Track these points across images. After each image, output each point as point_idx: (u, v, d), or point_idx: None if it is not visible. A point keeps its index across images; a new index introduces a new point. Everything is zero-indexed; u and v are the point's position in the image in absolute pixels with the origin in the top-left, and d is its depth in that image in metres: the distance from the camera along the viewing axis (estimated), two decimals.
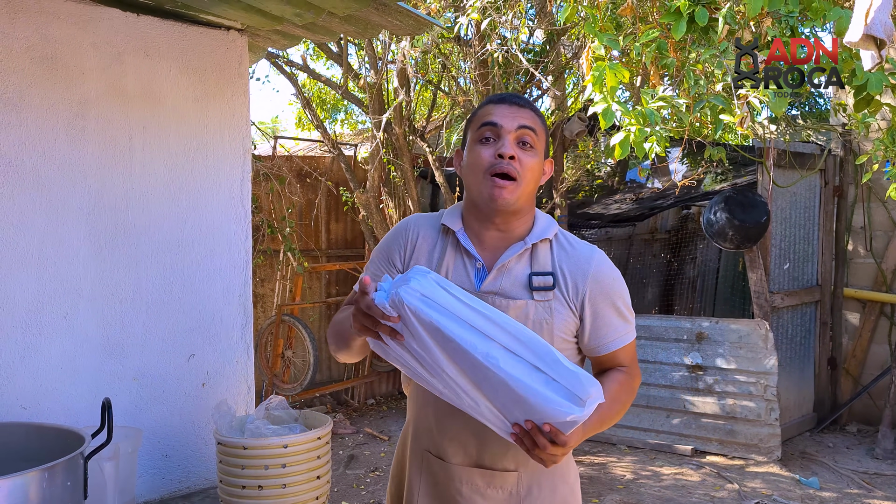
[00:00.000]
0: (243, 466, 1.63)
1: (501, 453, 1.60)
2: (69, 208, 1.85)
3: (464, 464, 1.62)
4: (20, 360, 1.78)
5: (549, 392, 1.31)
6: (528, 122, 1.60)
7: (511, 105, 1.62)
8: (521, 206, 1.61)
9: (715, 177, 6.84)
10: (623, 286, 1.66)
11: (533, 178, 1.61)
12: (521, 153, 1.58)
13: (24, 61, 1.79)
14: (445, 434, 1.63)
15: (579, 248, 1.66)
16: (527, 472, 1.61)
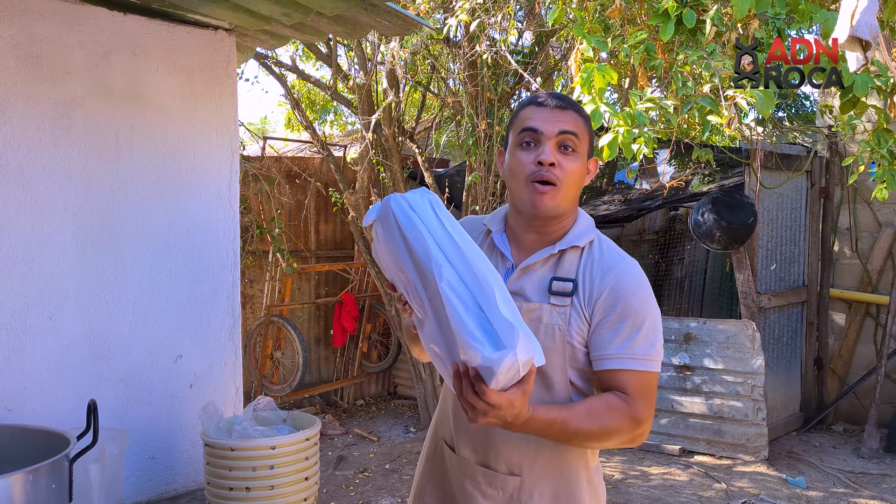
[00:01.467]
0: (231, 468, 1.62)
1: (507, 456, 1.59)
2: (55, 208, 1.84)
3: (470, 459, 1.62)
4: (5, 362, 1.77)
5: (476, 331, 1.26)
6: (569, 126, 1.57)
7: (553, 108, 1.59)
8: (563, 210, 1.60)
9: (703, 178, 6.88)
10: (647, 305, 1.55)
11: (575, 182, 1.59)
12: (561, 158, 1.56)
13: (9, 60, 1.77)
14: (459, 426, 1.64)
15: (609, 256, 1.61)
16: (531, 477, 1.59)
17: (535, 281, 1.60)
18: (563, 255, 1.61)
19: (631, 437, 1.53)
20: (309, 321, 6.89)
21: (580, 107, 1.63)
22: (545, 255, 1.60)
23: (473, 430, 1.61)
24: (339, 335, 6.72)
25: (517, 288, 1.59)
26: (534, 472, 1.59)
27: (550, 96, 1.61)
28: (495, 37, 5.31)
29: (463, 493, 1.62)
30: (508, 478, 1.59)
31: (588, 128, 1.62)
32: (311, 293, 7.07)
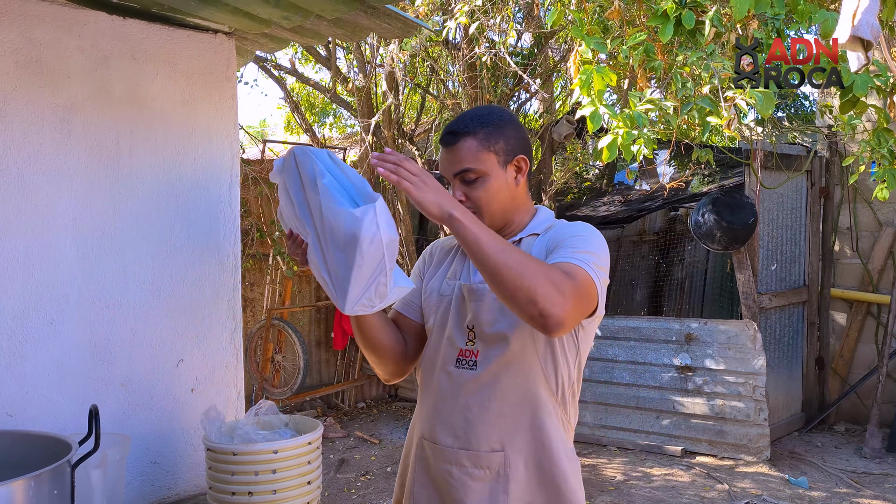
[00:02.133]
0: (233, 473, 1.62)
1: (487, 435, 1.67)
2: (55, 213, 1.83)
3: (454, 446, 1.70)
4: (6, 368, 1.76)
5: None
6: (460, 164, 1.65)
7: (446, 147, 1.68)
8: (496, 224, 1.69)
9: (702, 178, 6.88)
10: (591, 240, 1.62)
11: (493, 200, 1.67)
12: (468, 190, 1.66)
13: (9, 65, 1.77)
14: (438, 417, 1.73)
15: (560, 222, 1.72)
16: (513, 451, 1.66)
17: None
18: (522, 242, 1.70)
19: (552, 296, 1.47)
20: (309, 324, 6.88)
21: (475, 125, 1.67)
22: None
23: (453, 418, 1.70)
24: (339, 338, 6.71)
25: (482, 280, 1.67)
26: (515, 445, 1.66)
27: (445, 133, 1.68)
28: (494, 39, 5.32)
29: (451, 481, 1.70)
30: (492, 455, 1.66)
31: (491, 138, 1.67)
32: (311, 296, 7.06)
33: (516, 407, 1.67)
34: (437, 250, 1.92)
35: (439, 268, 1.85)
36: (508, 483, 1.66)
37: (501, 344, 1.68)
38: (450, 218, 1.49)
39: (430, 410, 1.77)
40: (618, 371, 5.83)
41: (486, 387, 1.68)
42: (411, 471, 1.81)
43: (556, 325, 1.49)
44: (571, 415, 1.76)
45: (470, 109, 1.77)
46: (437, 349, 1.77)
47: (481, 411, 1.68)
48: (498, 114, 1.72)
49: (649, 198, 7.23)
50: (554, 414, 1.70)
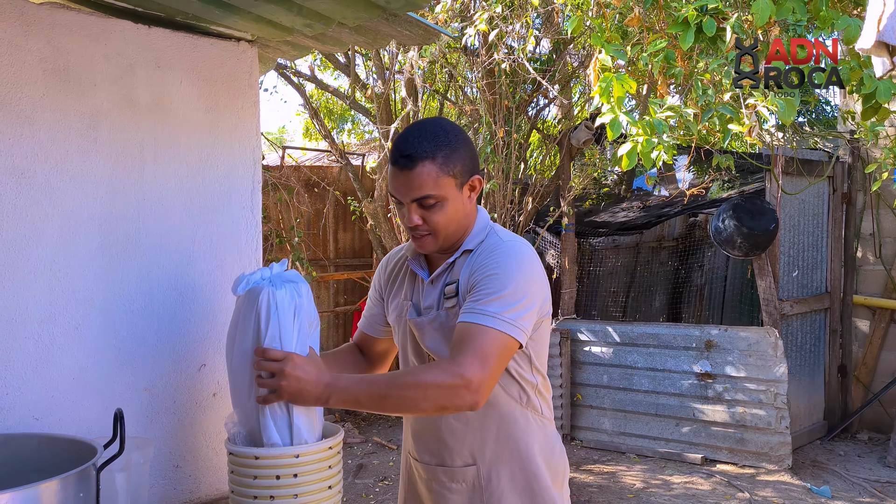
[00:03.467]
0: (255, 476, 1.63)
1: (457, 451, 1.73)
2: (81, 219, 1.86)
3: (431, 463, 1.77)
4: (32, 372, 1.79)
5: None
6: (420, 191, 1.63)
7: (402, 170, 1.64)
8: (450, 243, 1.73)
9: (722, 184, 6.84)
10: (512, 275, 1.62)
11: (450, 221, 1.69)
12: (426, 213, 1.66)
13: (37, 73, 1.80)
14: (416, 435, 1.81)
15: (489, 240, 1.73)
16: (484, 464, 1.72)
17: (437, 291, 1.74)
18: (455, 262, 1.73)
19: (449, 392, 1.53)
20: (328, 329, 6.91)
21: (433, 148, 1.63)
22: (444, 267, 1.74)
23: (427, 436, 1.77)
24: None
25: (429, 302, 1.75)
26: (486, 458, 1.71)
27: (399, 154, 1.64)
28: (513, 45, 5.32)
29: (432, 495, 1.78)
30: (466, 469, 1.73)
31: (449, 162, 1.64)
32: (329, 301, 7.09)
33: (481, 422, 1.72)
34: (389, 264, 1.93)
35: (395, 283, 1.88)
36: (483, 493, 1.72)
37: None
38: (328, 405, 1.60)
39: (409, 428, 1.85)
40: (637, 378, 5.80)
41: None
42: (402, 484, 1.92)
43: (474, 407, 1.57)
44: (544, 407, 1.79)
45: (420, 125, 1.70)
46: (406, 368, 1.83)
47: (449, 430, 1.73)
48: (453, 133, 1.67)
49: (668, 203, 7.19)
50: (521, 418, 1.74)
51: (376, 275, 1.97)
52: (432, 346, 1.73)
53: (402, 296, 1.83)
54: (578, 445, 6.00)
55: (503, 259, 1.65)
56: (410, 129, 1.69)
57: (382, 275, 1.94)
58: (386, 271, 1.93)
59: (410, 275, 1.83)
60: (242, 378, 1.73)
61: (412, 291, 1.82)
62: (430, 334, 1.72)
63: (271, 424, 1.66)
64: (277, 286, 1.70)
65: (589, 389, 6.00)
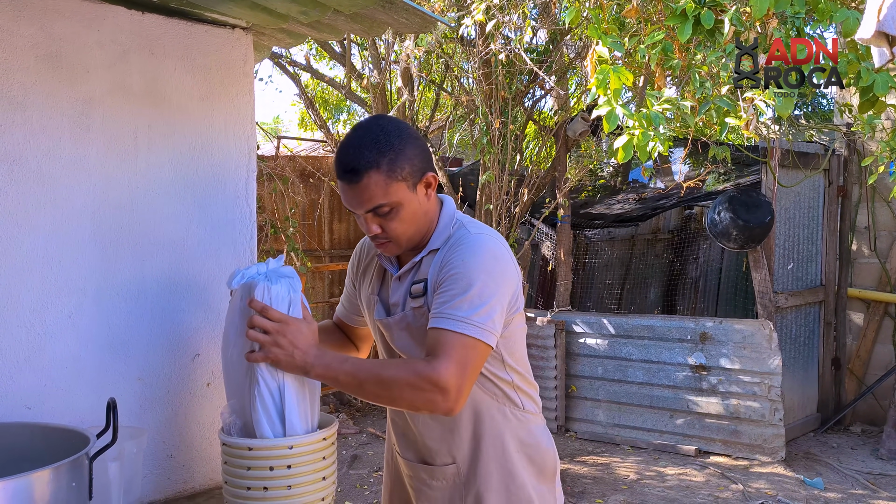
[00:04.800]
0: (248, 467, 1.62)
1: (437, 449, 1.73)
2: (74, 207, 1.84)
3: (413, 460, 1.78)
4: (25, 361, 1.77)
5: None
6: (371, 203, 1.59)
7: (350, 184, 1.60)
8: (414, 244, 1.70)
9: (718, 177, 6.84)
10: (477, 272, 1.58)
11: (409, 226, 1.65)
12: (382, 221, 1.63)
13: (29, 59, 1.78)
14: (398, 431, 1.82)
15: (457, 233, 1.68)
16: (464, 462, 1.71)
17: (404, 289, 1.71)
18: (423, 260, 1.70)
19: (424, 397, 1.52)
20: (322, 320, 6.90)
21: (376, 156, 1.58)
22: (410, 266, 1.71)
23: (410, 434, 1.77)
24: None
25: (396, 298, 1.73)
26: (464, 456, 1.71)
27: (344, 170, 1.60)
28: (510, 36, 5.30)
29: (414, 491, 1.79)
30: (446, 468, 1.73)
31: (395, 167, 1.59)
32: (324, 292, 7.08)
33: (456, 421, 1.70)
34: (361, 254, 1.91)
35: (366, 274, 1.86)
36: (463, 490, 1.72)
37: None
38: (307, 375, 1.60)
39: (392, 424, 1.86)
40: (631, 370, 5.81)
41: None
42: (387, 476, 1.94)
43: (450, 413, 1.56)
44: (525, 401, 1.76)
45: (357, 133, 1.64)
46: None
47: (426, 429, 1.73)
48: (395, 134, 1.61)
49: (664, 196, 7.19)
50: (498, 414, 1.72)
51: (351, 262, 1.94)
52: (401, 346, 1.72)
53: (370, 289, 1.82)
54: (573, 437, 6.01)
55: (469, 256, 1.60)
56: (350, 139, 1.62)
57: (355, 262, 1.92)
58: (358, 258, 1.91)
59: (379, 268, 1.81)
60: (238, 370, 1.73)
61: (380, 286, 1.80)
62: (398, 334, 1.71)
63: (263, 419, 1.65)
64: (273, 281, 1.70)
65: (583, 381, 6.01)
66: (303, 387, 1.69)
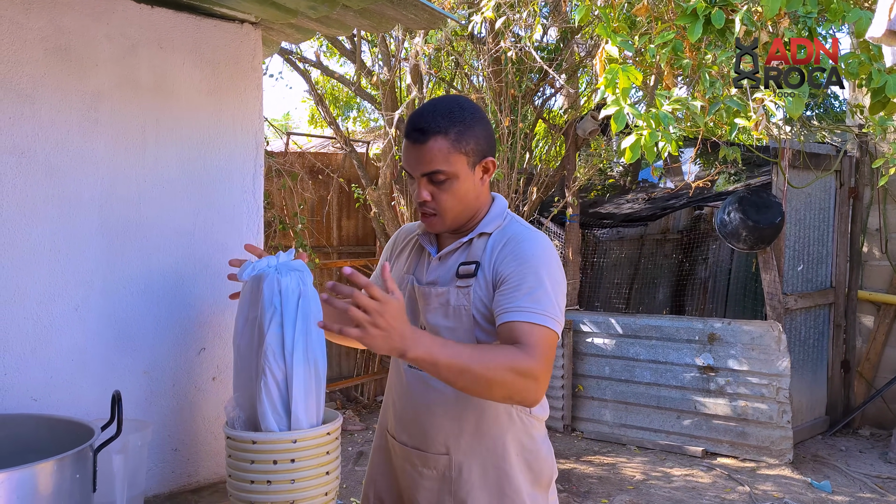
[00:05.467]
0: (252, 461, 1.62)
1: (433, 437, 1.72)
2: (81, 200, 1.85)
3: (407, 444, 1.77)
4: (31, 352, 1.78)
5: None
6: (431, 166, 1.62)
7: (414, 143, 1.64)
8: (458, 224, 1.72)
9: (728, 177, 6.81)
10: (547, 270, 1.61)
11: (458, 203, 1.67)
12: (435, 190, 1.65)
13: (38, 52, 1.78)
14: (396, 414, 1.81)
15: (508, 231, 1.71)
16: (458, 455, 1.71)
17: (448, 267, 1.73)
18: (473, 242, 1.72)
19: (522, 385, 1.52)
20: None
21: (446, 123, 1.62)
22: (456, 245, 1.73)
23: (407, 417, 1.76)
24: None
25: (433, 278, 1.74)
26: (460, 449, 1.70)
27: (413, 128, 1.64)
28: (520, 33, 5.28)
29: (405, 476, 1.78)
30: (439, 457, 1.72)
31: (462, 139, 1.63)
32: None
33: (461, 412, 1.70)
34: (400, 238, 1.95)
35: (401, 255, 1.89)
36: (452, 484, 1.71)
37: None
38: (403, 357, 1.49)
39: (391, 406, 1.85)
40: (639, 370, 5.79)
41: (434, 391, 1.71)
42: (377, 460, 1.91)
43: (535, 403, 1.59)
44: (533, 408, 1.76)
45: (436, 101, 1.70)
46: None
47: (429, 414, 1.72)
48: (469, 110, 1.66)
49: (674, 196, 7.16)
50: (505, 415, 1.71)
51: (388, 245, 1.99)
52: (432, 320, 1.72)
53: (404, 269, 1.84)
54: (579, 436, 6.00)
55: (539, 252, 1.64)
56: (427, 104, 1.69)
57: (391, 245, 1.97)
58: (395, 241, 1.96)
59: (417, 249, 1.84)
60: (247, 363, 1.74)
61: (416, 265, 1.82)
62: (434, 308, 1.71)
63: (269, 412, 1.65)
64: (283, 274, 1.71)
65: (590, 381, 6.00)
66: (309, 381, 1.69)
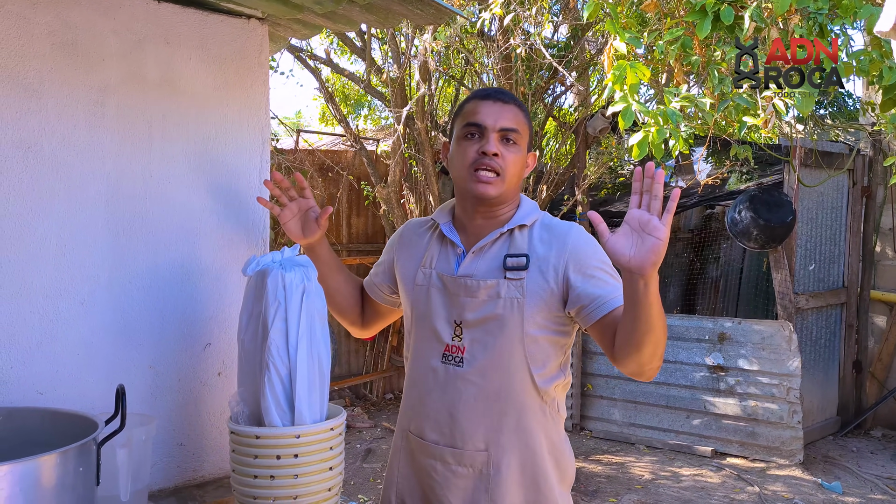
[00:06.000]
0: (255, 455, 1.62)
1: (470, 434, 1.69)
2: (88, 195, 1.85)
3: (438, 442, 1.73)
4: (37, 346, 1.79)
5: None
6: (510, 123, 1.69)
7: (496, 101, 1.70)
8: (506, 198, 1.73)
9: (740, 176, 6.77)
10: (606, 255, 1.62)
11: (516, 173, 1.71)
12: (503, 150, 1.68)
13: (45, 47, 1.79)
14: (424, 412, 1.76)
15: (557, 226, 1.74)
16: (497, 452, 1.68)
17: (489, 260, 1.71)
18: (513, 234, 1.72)
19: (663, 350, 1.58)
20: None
21: (522, 103, 1.75)
22: (496, 236, 1.72)
23: (440, 415, 1.73)
24: None
25: (470, 270, 1.71)
26: (499, 445, 1.68)
27: (494, 91, 1.73)
28: (530, 30, 5.27)
29: (435, 476, 1.73)
30: (476, 454, 1.69)
31: (528, 122, 1.74)
32: None
33: (502, 408, 1.68)
34: (408, 232, 1.93)
35: (410, 251, 1.86)
36: (489, 482, 1.68)
37: (491, 342, 1.67)
38: (651, 277, 1.43)
39: (417, 404, 1.79)
40: None
41: (473, 386, 1.69)
42: (397, 462, 1.85)
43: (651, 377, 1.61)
44: (560, 405, 1.78)
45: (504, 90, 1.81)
46: (421, 341, 1.78)
47: (467, 410, 1.69)
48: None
49: (685, 194, 7.13)
50: (541, 412, 1.71)
51: (392, 240, 1.97)
52: (477, 313, 1.68)
53: (422, 262, 1.80)
54: (588, 435, 5.98)
55: (597, 247, 1.70)
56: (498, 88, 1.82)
57: (398, 239, 1.94)
58: (401, 234, 1.94)
59: (439, 243, 1.80)
60: (251, 358, 1.74)
61: (438, 258, 1.78)
62: (482, 300, 1.68)
63: (273, 407, 1.65)
64: (287, 269, 1.71)
65: (599, 380, 5.98)
66: (313, 376, 1.69)
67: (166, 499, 1.95)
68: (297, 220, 1.97)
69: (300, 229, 1.98)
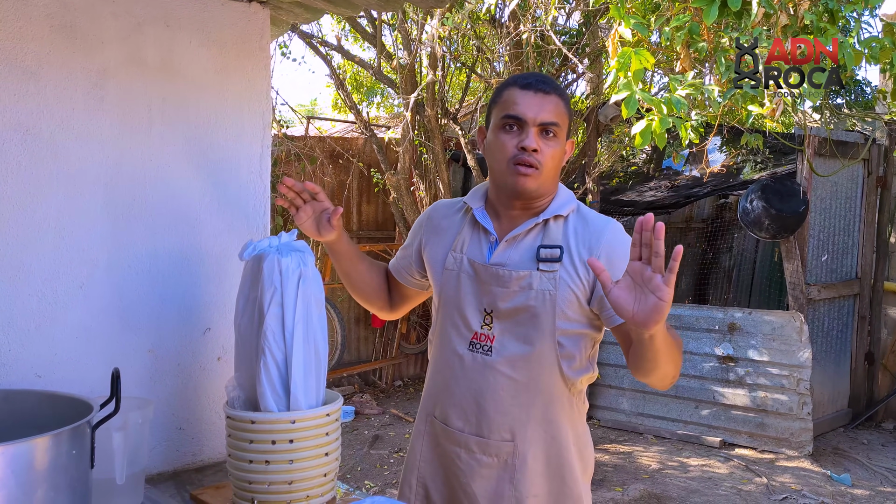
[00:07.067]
0: (251, 440, 1.62)
1: (499, 423, 1.66)
2: (87, 178, 1.85)
3: (464, 430, 1.70)
4: (35, 329, 1.79)
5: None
6: (551, 116, 1.63)
7: (536, 93, 1.63)
8: (544, 191, 1.67)
9: (754, 165, 6.70)
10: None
11: (554, 166, 1.66)
12: (543, 144, 1.63)
13: (43, 29, 1.78)
14: (450, 399, 1.73)
15: (594, 221, 1.69)
16: (523, 442, 1.66)
17: (522, 250, 1.67)
18: (548, 225, 1.68)
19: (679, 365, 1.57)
20: (349, 301, 6.92)
21: (562, 89, 1.68)
22: (530, 226, 1.67)
23: (466, 402, 1.70)
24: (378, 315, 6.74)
25: (503, 259, 1.68)
26: (525, 436, 1.66)
27: (534, 81, 1.65)
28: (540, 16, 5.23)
29: (459, 463, 1.71)
30: (501, 444, 1.67)
31: (568, 110, 1.68)
32: None
33: (530, 398, 1.66)
34: (437, 214, 1.86)
35: (440, 234, 1.81)
36: (515, 472, 1.66)
37: (521, 332, 1.65)
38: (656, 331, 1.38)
39: (442, 390, 1.76)
40: None
41: (501, 375, 1.66)
42: (419, 446, 1.82)
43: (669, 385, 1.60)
44: (585, 398, 1.77)
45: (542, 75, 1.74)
46: (448, 327, 1.75)
47: (494, 399, 1.66)
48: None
49: (697, 184, 7.07)
50: (568, 404, 1.69)
51: (419, 220, 1.91)
52: (510, 303, 1.64)
53: (452, 246, 1.76)
54: (596, 425, 5.97)
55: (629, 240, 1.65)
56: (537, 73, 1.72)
57: (425, 221, 1.88)
58: (431, 219, 1.86)
59: (471, 228, 1.75)
60: (248, 343, 1.73)
61: (469, 244, 1.74)
62: (514, 291, 1.64)
63: (268, 392, 1.65)
64: (283, 254, 1.70)
65: (608, 369, 5.96)
66: (309, 362, 1.69)
67: (165, 482, 1.95)
68: (312, 221, 1.91)
69: (316, 229, 1.93)
